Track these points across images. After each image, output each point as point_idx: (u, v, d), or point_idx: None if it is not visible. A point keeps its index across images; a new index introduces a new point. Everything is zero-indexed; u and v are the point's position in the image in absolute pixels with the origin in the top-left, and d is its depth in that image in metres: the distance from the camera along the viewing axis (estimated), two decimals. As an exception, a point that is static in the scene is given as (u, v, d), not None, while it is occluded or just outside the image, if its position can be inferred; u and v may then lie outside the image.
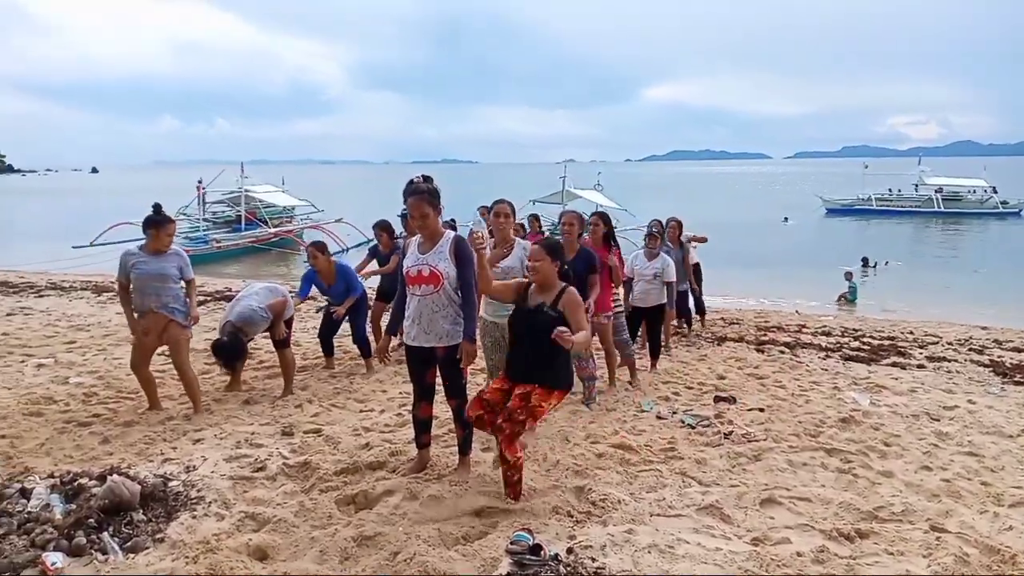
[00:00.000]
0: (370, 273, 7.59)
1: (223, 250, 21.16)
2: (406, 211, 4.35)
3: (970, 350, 8.42)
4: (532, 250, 4.01)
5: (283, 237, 23.22)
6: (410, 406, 4.49)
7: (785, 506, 3.95)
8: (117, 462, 4.38)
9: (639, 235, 8.00)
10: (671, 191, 66.16)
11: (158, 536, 3.44)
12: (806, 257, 21.61)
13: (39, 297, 11.58)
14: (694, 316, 9.14)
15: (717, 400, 5.98)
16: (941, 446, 5.00)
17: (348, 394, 6.12)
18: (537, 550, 3.24)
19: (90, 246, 19.61)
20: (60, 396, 5.89)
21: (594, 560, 3.26)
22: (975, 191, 38.18)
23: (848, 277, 14.22)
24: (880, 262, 18.74)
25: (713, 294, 10.47)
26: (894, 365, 7.56)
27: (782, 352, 8.11)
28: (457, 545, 3.40)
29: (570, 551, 3.32)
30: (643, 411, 5.72)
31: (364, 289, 6.93)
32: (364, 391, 6.20)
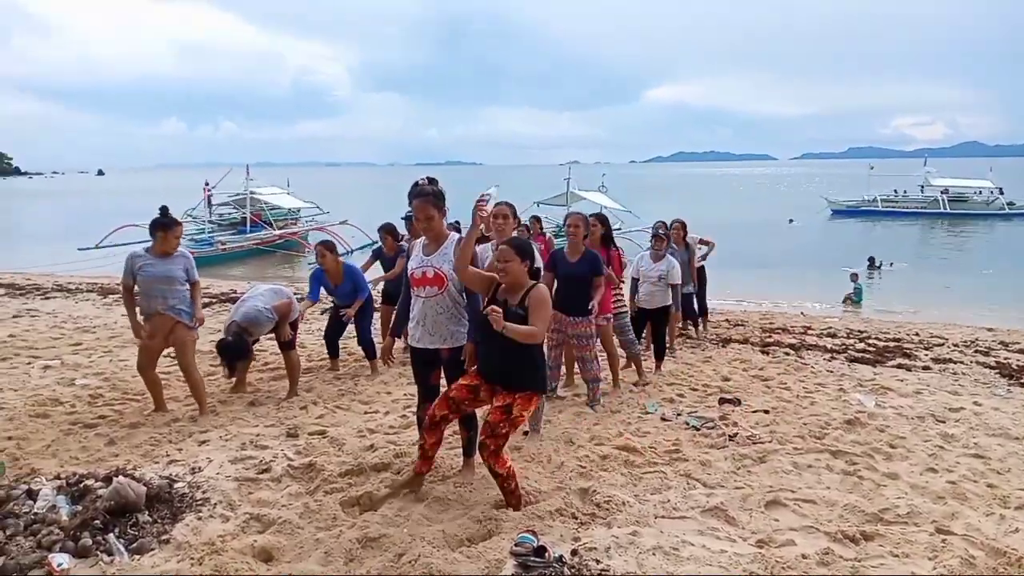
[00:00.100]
0: (378, 280, 7.59)
1: (228, 252, 21.22)
2: (410, 213, 4.36)
3: (976, 352, 8.39)
4: (500, 250, 3.84)
5: (288, 239, 23.27)
6: (415, 408, 4.50)
7: (790, 508, 3.94)
8: (123, 463, 4.39)
9: (644, 237, 8.00)
10: (675, 192, 66.08)
11: (163, 537, 3.45)
12: (811, 258, 21.57)
13: (45, 299, 11.63)
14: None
15: (722, 402, 5.97)
16: (947, 448, 4.98)
17: (353, 396, 6.13)
18: (541, 552, 3.25)
19: (95, 248, 19.70)
20: (66, 398, 5.92)
21: (598, 562, 3.26)
22: (981, 192, 38.04)
23: (854, 278, 14.18)
24: (885, 263, 18.69)
25: (718, 295, 10.45)
26: (899, 367, 7.54)
27: (787, 354, 8.09)
28: (461, 547, 3.40)
29: (574, 553, 3.32)
30: (647, 413, 5.72)
31: (371, 291, 6.95)
32: (369, 393, 6.21)
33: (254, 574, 3.19)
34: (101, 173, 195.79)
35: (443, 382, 4.22)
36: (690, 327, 8.97)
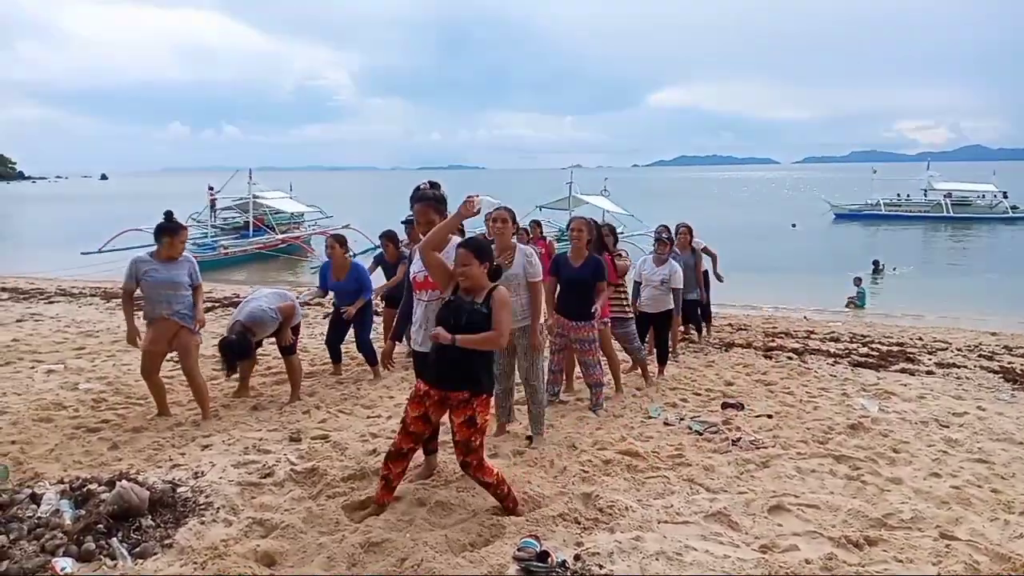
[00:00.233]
0: (380, 289, 7.60)
1: (231, 256, 21.26)
2: (411, 217, 4.35)
3: (980, 356, 8.38)
4: (459, 253, 3.74)
5: (291, 243, 23.30)
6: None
7: (793, 513, 3.93)
8: (126, 468, 4.40)
9: (647, 240, 8.00)
10: (678, 196, 66.10)
11: (167, 542, 3.46)
12: (814, 263, 21.54)
13: (49, 303, 11.66)
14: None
15: (725, 406, 5.97)
16: (951, 453, 4.97)
17: (355, 400, 6.14)
18: (544, 557, 3.24)
19: (99, 253, 19.74)
20: (70, 402, 5.93)
21: (601, 567, 3.25)
22: (984, 196, 37.99)
23: (857, 282, 14.16)
24: (889, 268, 18.67)
25: (720, 300, 10.44)
26: (903, 371, 7.52)
27: (790, 358, 8.08)
28: (464, 551, 3.40)
29: (577, 558, 3.32)
30: (650, 417, 5.71)
31: (371, 299, 6.95)
32: (371, 397, 6.21)
33: (257, 579, 3.19)
34: (104, 177, 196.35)
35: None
36: (693, 331, 8.96)
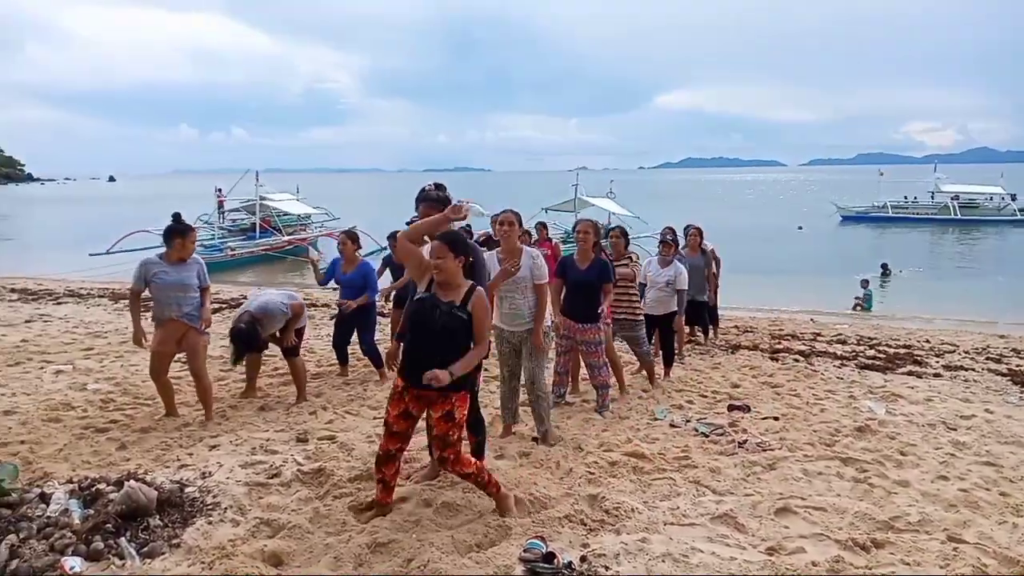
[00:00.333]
0: (387, 290, 7.62)
1: (237, 258, 21.34)
2: (415, 219, 4.37)
3: (988, 359, 8.34)
4: (433, 246, 3.61)
5: (297, 245, 23.37)
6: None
7: (800, 515, 3.92)
8: (134, 468, 4.42)
9: (653, 243, 8.00)
10: (684, 199, 66.02)
11: (174, 541, 3.47)
12: (821, 265, 21.50)
13: (57, 304, 11.72)
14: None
15: (731, 408, 5.96)
16: (958, 456, 4.95)
17: (362, 401, 6.15)
18: (550, 558, 3.25)
19: (106, 254, 19.85)
20: (78, 402, 5.96)
21: (607, 568, 3.26)
22: (992, 198, 37.85)
23: (864, 284, 14.12)
24: (895, 270, 18.62)
25: (726, 302, 10.43)
26: (910, 374, 7.50)
27: (797, 360, 8.06)
28: (471, 552, 3.41)
29: (583, 559, 3.32)
30: (656, 419, 5.71)
31: (375, 299, 6.97)
32: (378, 398, 6.22)
33: (264, 578, 3.21)
34: (112, 179, 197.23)
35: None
36: (699, 333, 8.95)
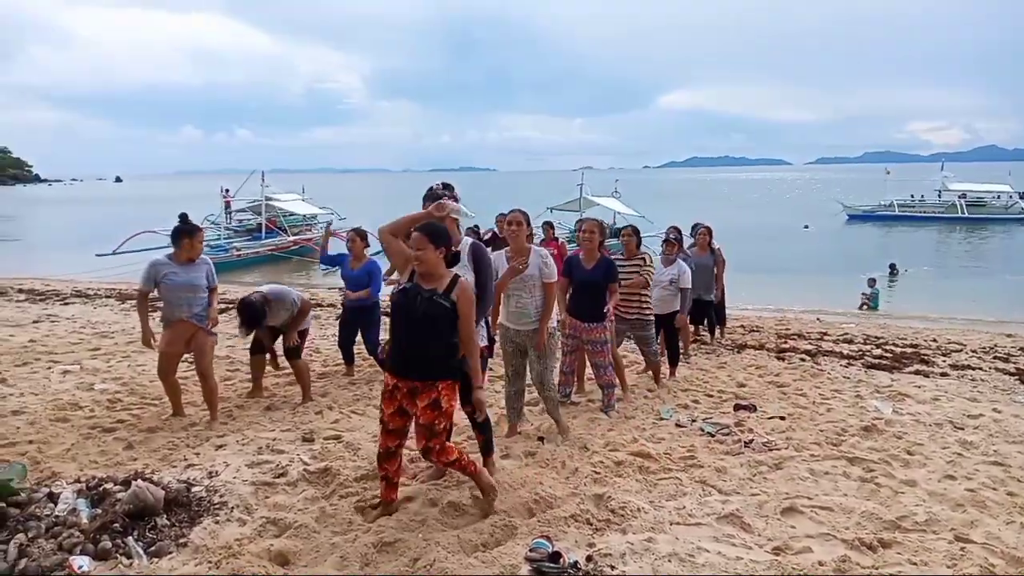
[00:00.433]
0: (393, 281, 7.62)
1: (243, 258, 21.38)
2: None
3: (995, 358, 8.29)
4: (413, 237, 3.61)
5: (302, 245, 23.40)
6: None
7: (806, 515, 3.91)
8: (141, 467, 4.44)
9: (658, 242, 7.98)
10: (689, 198, 65.89)
11: (181, 541, 3.49)
12: (827, 264, 21.43)
13: (64, 304, 11.78)
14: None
15: (737, 408, 5.95)
16: (965, 455, 4.93)
17: (368, 401, 6.16)
18: (556, 558, 3.25)
19: (113, 254, 19.92)
20: (85, 402, 5.99)
21: (613, 568, 3.26)
22: (1000, 197, 37.65)
23: (871, 283, 14.07)
24: (902, 270, 18.55)
25: (733, 301, 10.40)
26: (917, 373, 7.47)
27: (803, 360, 8.04)
28: (476, 552, 3.41)
29: (589, 559, 3.32)
30: (662, 419, 5.70)
31: (379, 299, 6.97)
32: (383, 398, 6.23)
33: (271, 578, 3.22)
34: (119, 180, 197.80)
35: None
36: (705, 333, 8.93)
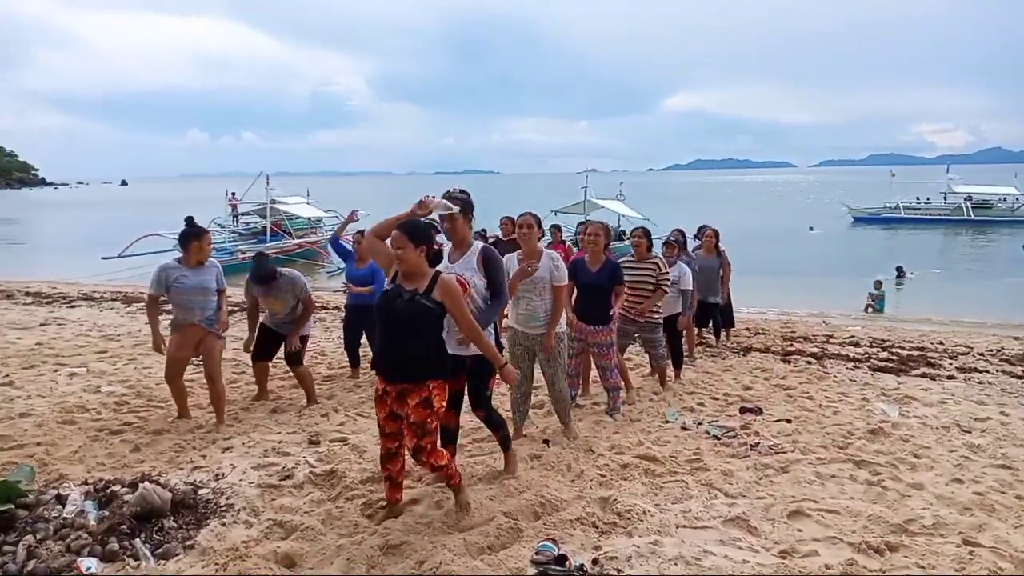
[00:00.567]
0: None
1: (248, 261, 21.42)
2: (432, 221, 4.38)
3: (1002, 360, 8.26)
4: (393, 236, 3.60)
5: (307, 248, 23.45)
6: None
7: (813, 518, 3.90)
8: (148, 470, 4.46)
9: (660, 244, 7.97)
10: (694, 200, 65.81)
11: (188, 543, 3.50)
12: (833, 266, 21.38)
13: (71, 308, 11.80)
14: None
15: (743, 411, 5.93)
16: (973, 458, 4.91)
17: (373, 403, 6.15)
18: (562, 560, 3.24)
19: (119, 257, 19.99)
20: (92, 405, 6.01)
21: (619, 571, 3.25)
22: (1006, 199, 37.53)
23: (877, 286, 14.02)
24: (908, 273, 18.50)
25: (738, 304, 10.39)
26: (924, 376, 7.44)
27: (809, 363, 8.02)
28: (482, 554, 3.41)
29: (595, 562, 3.32)
30: (668, 422, 5.70)
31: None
32: (389, 401, 6.23)
33: (277, 580, 3.22)
34: (124, 183, 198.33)
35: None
36: (710, 335, 8.92)
